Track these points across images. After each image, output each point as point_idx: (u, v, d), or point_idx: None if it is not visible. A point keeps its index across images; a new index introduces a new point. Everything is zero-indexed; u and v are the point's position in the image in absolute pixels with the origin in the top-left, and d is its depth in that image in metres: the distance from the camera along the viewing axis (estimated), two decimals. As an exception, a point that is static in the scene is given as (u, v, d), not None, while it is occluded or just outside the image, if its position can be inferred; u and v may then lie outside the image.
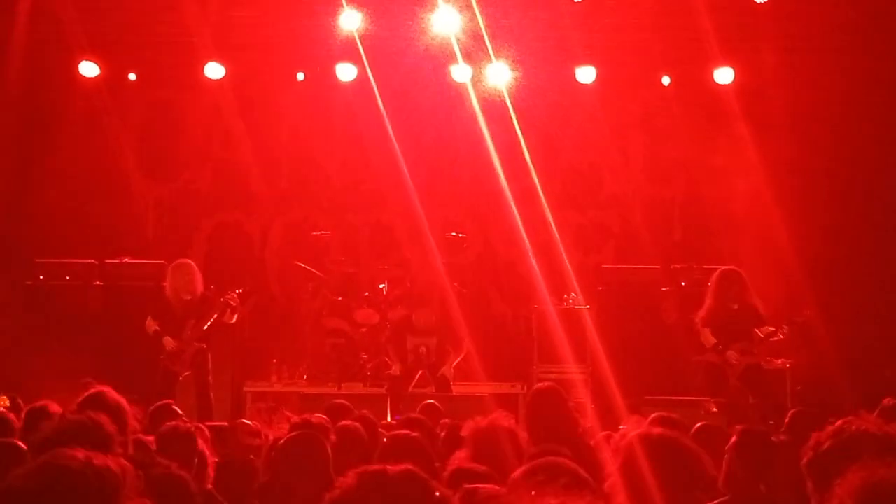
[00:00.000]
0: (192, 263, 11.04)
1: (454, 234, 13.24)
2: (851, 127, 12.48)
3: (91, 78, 13.14)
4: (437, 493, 2.74)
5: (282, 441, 5.25)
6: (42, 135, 13.26)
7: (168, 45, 12.85)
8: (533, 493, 2.70)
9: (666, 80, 13.26)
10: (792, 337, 10.27)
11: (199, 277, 10.88)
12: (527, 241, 11.91)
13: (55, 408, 6.73)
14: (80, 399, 5.38)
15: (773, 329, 10.06)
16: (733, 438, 4.91)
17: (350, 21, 12.05)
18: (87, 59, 13.01)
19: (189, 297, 10.77)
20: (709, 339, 10.19)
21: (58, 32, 12.41)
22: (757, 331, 10.07)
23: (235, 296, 10.87)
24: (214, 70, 13.09)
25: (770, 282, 11.60)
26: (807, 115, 12.54)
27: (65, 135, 13.23)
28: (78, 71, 13.05)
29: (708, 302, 10.29)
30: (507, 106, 13.09)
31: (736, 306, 10.11)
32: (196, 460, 5.52)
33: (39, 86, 13.08)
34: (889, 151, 12.48)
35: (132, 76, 13.50)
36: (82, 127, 13.29)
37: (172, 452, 5.20)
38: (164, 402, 7.69)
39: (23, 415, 6.43)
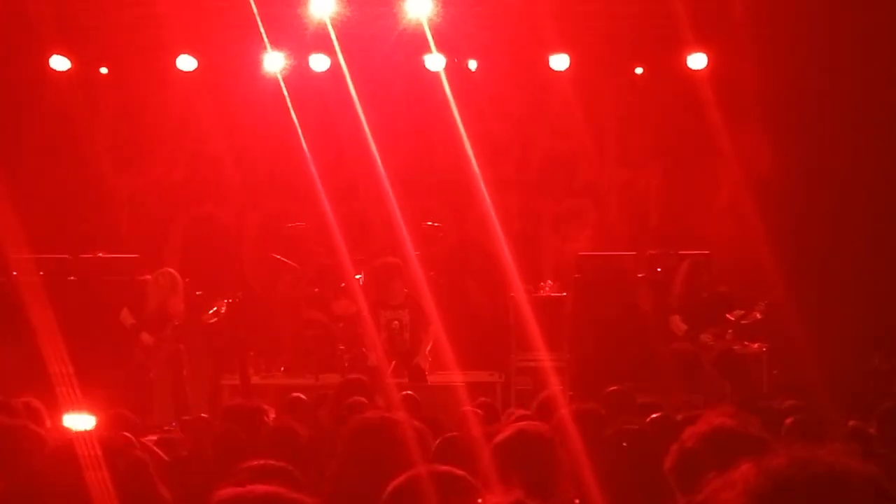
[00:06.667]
0: (176, 275, 11.12)
1: (430, 223, 13.21)
2: (827, 112, 12.48)
3: (62, 72, 13.05)
4: None
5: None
6: (13, 130, 13.16)
7: (139, 37, 12.76)
8: None
9: (639, 70, 13.29)
10: (765, 320, 10.31)
11: (181, 290, 11.00)
12: (502, 230, 11.88)
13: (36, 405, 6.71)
14: None
15: (743, 312, 10.11)
16: None
17: (322, 8, 11.99)
18: (57, 53, 12.92)
19: (172, 310, 10.91)
20: (679, 326, 10.24)
21: (27, 26, 12.30)
22: (728, 315, 10.11)
23: (221, 305, 10.99)
24: (186, 62, 13.04)
25: (745, 267, 11.63)
26: (781, 100, 12.54)
27: (36, 130, 13.13)
28: (48, 65, 12.96)
29: (677, 289, 10.35)
30: (480, 94, 13.07)
31: (705, 294, 10.16)
32: None
33: (9, 81, 12.96)
34: (865, 135, 12.49)
35: (104, 69, 13.41)
36: (54, 121, 13.18)
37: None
38: None
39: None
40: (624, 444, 4.35)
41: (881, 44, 12.05)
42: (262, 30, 12.18)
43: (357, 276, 12.52)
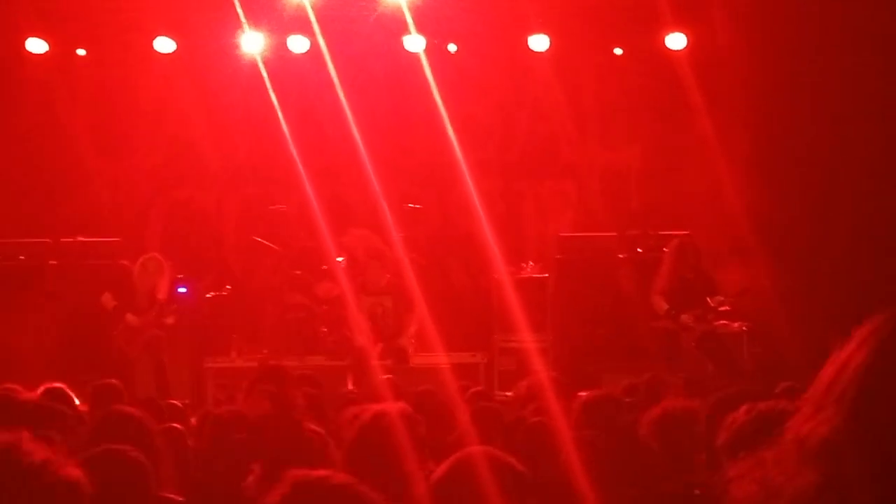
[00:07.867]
0: (162, 259, 11.10)
1: (411, 205, 13.21)
2: (806, 91, 12.50)
3: (39, 54, 12.93)
4: None
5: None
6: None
7: (117, 19, 12.66)
8: None
9: (618, 51, 13.29)
10: (744, 304, 10.44)
11: (167, 274, 11.00)
12: (483, 211, 11.89)
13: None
14: None
15: (722, 298, 10.23)
16: None
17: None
18: (34, 36, 12.80)
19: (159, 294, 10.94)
20: (661, 305, 10.33)
21: (2, 9, 12.20)
22: (709, 299, 10.22)
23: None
24: (164, 44, 12.94)
25: (724, 247, 11.69)
26: (760, 79, 12.56)
27: (13, 113, 13.02)
28: (25, 48, 12.84)
29: (663, 270, 10.44)
30: (460, 75, 13.05)
31: (691, 275, 10.26)
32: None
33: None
34: (845, 115, 12.52)
35: (81, 52, 13.31)
36: (31, 105, 13.07)
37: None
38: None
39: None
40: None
41: (861, 22, 12.08)
42: (239, 10, 12.12)
43: (339, 259, 12.53)
